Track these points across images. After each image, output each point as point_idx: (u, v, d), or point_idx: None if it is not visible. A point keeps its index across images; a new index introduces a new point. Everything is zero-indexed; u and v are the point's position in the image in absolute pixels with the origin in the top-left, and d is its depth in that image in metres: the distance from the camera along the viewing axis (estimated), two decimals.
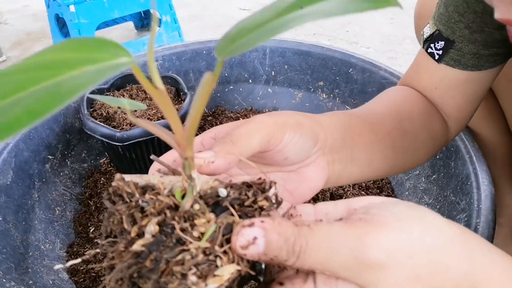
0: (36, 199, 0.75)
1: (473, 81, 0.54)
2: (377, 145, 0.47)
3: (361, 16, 1.89)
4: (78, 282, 0.69)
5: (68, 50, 0.19)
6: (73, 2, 1.35)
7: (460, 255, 0.26)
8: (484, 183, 0.63)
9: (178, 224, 0.25)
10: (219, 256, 0.24)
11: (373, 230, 0.25)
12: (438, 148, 0.57)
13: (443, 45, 0.53)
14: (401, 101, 0.54)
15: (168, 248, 0.24)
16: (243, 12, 2.00)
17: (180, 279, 0.23)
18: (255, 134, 0.34)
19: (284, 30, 0.20)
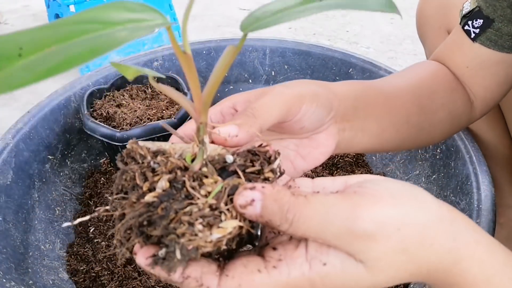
0: (36, 199, 0.75)
1: (507, 63, 0.52)
2: (390, 117, 0.47)
3: (361, 16, 1.89)
4: (78, 282, 0.69)
5: (114, 9, 0.22)
6: (73, 2, 1.35)
7: (446, 232, 0.28)
8: (484, 183, 0.63)
9: (188, 181, 0.26)
10: (223, 212, 0.26)
11: (366, 202, 0.26)
12: (457, 128, 0.57)
13: (481, 23, 0.51)
14: (425, 76, 0.53)
15: (178, 201, 0.26)
16: (243, 12, 2.00)
17: (188, 226, 0.25)
18: (275, 106, 0.35)
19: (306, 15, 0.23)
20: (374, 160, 0.89)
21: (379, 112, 0.46)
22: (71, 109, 0.85)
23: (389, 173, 0.85)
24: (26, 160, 0.75)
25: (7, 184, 0.70)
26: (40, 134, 0.79)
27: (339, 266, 0.27)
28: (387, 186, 0.28)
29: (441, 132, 0.54)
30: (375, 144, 0.47)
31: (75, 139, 0.86)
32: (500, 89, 0.56)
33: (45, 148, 0.80)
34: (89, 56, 0.18)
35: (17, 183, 0.72)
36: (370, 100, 0.45)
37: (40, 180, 0.78)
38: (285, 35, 1.77)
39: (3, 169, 0.70)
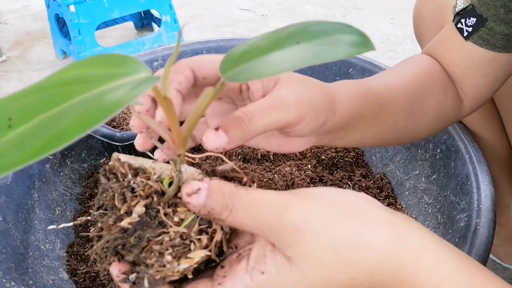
0: (36, 199, 0.75)
1: (498, 63, 0.52)
2: (376, 126, 0.47)
3: (361, 16, 1.89)
4: (78, 282, 0.69)
5: (95, 65, 0.21)
6: (73, 2, 1.35)
7: (385, 236, 0.28)
8: (484, 183, 0.63)
9: (162, 209, 0.28)
10: (193, 241, 0.28)
11: (299, 199, 0.28)
12: (444, 126, 0.57)
13: (474, 22, 0.51)
14: (421, 76, 0.53)
15: (151, 229, 0.27)
16: (243, 12, 2.00)
17: (158, 257, 0.27)
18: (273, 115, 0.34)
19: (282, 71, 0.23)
20: (374, 160, 0.89)
21: (367, 123, 0.45)
22: None
23: (389, 173, 0.85)
24: None
25: (7, 184, 0.70)
26: None
27: (275, 272, 0.27)
28: (329, 193, 0.29)
29: (426, 132, 0.55)
30: (352, 145, 0.48)
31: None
32: (490, 88, 0.56)
33: None
34: (79, 131, 0.17)
35: (17, 183, 0.72)
36: (364, 112, 0.44)
37: (40, 180, 0.78)
38: None
39: None
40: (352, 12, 1.94)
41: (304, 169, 0.83)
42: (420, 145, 0.79)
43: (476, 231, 0.57)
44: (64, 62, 1.61)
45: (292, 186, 0.79)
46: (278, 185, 0.79)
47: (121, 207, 0.28)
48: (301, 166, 0.84)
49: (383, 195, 0.81)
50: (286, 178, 0.80)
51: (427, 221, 0.72)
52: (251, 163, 0.89)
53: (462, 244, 0.58)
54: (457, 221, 0.63)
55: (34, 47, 1.73)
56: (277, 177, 0.81)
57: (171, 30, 1.60)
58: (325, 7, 2.01)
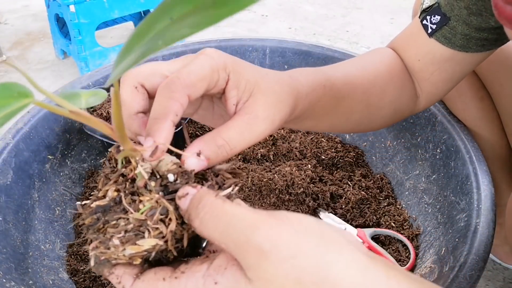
0: (36, 199, 0.75)
1: (456, 61, 0.54)
2: (332, 117, 0.48)
3: (361, 16, 1.89)
4: (78, 282, 0.69)
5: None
6: (73, 2, 1.35)
7: (357, 280, 0.25)
8: (484, 183, 0.63)
9: (126, 196, 0.29)
10: (148, 229, 0.28)
11: (272, 221, 0.26)
12: (397, 120, 0.59)
13: (438, 19, 0.53)
14: (382, 70, 0.55)
15: (113, 213, 0.29)
16: (243, 12, 1.99)
17: (104, 239, 0.28)
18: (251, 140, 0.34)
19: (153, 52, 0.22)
20: (374, 160, 0.89)
21: (323, 114, 0.47)
22: None
23: (389, 173, 0.85)
24: (26, 160, 0.75)
25: (7, 184, 0.70)
26: (40, 134, 0.79)
27: (228, 287, 0.27)
28: (308, 221, 0.27)
29: (380, 125, 0.57)
30: (303, 130, 0.50)
31: (75, 139, 0.86)
32: (446, 86, 0.58)
33: (45, 148, 0.80)
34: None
35: (17, 183, 0.72)
36: (322, 103, 0.45)
37: (40, 180, 0.78)
38: (285, 35, 1.77)
39: (3, 169, 0.70)
40: (352, 12, 1.94)
41: (304, 169, 0.83)
42: (420, 145, 0.79)
43: (476, 231, 0.57)
44: (64, 62, 1.61)
45: (292, 186, 0.79)
46: (278, 185, 0.79)
47: (101, 190, 0.30)
48: (301, 166, 0.84)
49: (383, 195, 0.81)
50: (286, 178, 0.80)
51: (427, 221, 0.72)
52: (251, 163, 0.89)
53: (462, 244, 0.58)
54: (457, 221, 0.63)
55: (34, 47, 1.73)
56: (277, 177, 0.81)
57: None
58: (325, 7, 2.01)
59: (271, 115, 0.35)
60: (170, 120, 0.31)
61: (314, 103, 0.44)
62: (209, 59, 0.34)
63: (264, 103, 0.35)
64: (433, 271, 0.61)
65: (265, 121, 0.35)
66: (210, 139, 0.33)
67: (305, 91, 0.42)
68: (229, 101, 0.35)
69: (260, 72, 0.37)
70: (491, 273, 0.83)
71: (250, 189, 0.82)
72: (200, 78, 0.33)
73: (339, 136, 0.94)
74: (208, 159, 0.32)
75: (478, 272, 0.53)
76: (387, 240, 0.73)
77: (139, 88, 0.34)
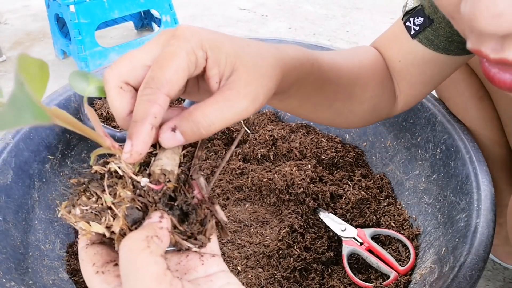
0: (36, 199, 0.75)
1: (436, 63, 0.55)
2: (315, 100, 0.48)
3: (361, 16, 1.89)
4: (78, 282, 0.69)
5: None
6: (73, 2, 1.35)
7: None
8: (484, 183, 0.63)
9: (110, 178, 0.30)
10: (106, 217, 0.29)
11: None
12: (374, 120, 0.59)
13: (421, 21, 0.53)
14: (366, 65, 0.54)
15: (97, 185, 0.30)
16: (243, 12, 1.99)
17: (75, 204, 0.30)
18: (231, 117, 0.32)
19: None
20: (374, 160, 0.89)
21: (307, 93, 0.46)
22: (71, 109, 0.85)
23: (389, 173, 0.85)
24: (26, 160, 0.75)
25: (7, 184, 0.70)
26: (40, 134, 0.79)
27: None
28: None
29: (358, 121, 0.57)
30: (286, 110, 0.49)
31: (75, 139, 0.86)
32: (424, 89, 0.58)
33: (45, 148, 0.80)
34: None
35: (17, 183, 0.72)
36: (308, 81, 0.44)
37: (40, 180, 0.78)
38: (285, 35, 1.77)
39: (3, 169, 0.70)
40: (352, 12, 1.94)
41: (304, 169, 0.83)
42: (420, 145, 0.79)
43: (476, 231, 0.57)
44: (64, 62, 1.61)
45: (292, 186, 0.79)
46: (278, 185, 0.79)
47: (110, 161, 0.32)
48: (301, 166, 0.84)
49: (383, 195, 0.81)
50: (286, 178, 0.80)
51: (427, 221, 0.72)
52: (251, 163, 0.89)
53: (462, 244, 0.58)
54: (457, 221, 0.63)
55: (34, 47, 1.73)
56: (277, 177, 0.81)
57: None
58: (325, 7, 2.01)
59: (253, 91, 0.33)
60: (149, 123, 0.30)
61: (301, 79, 0.42)
62: (182, 42, 0.32)
63: (246, 78, 0.33)
64: (433, 271, 0.61)
65: (247, 97, 0.33)
66: (187, 115, 0.31)
67: (292, 64, 0.40)
68: (211, 79, 0.33)
69: (240, 44, 0.35)
70: (491, 273, 0.83)
71: (250, 189, 0.82)
72: (176, 70, 0.31)
73: (339, 136, 0.94)
74: (183, 135, 0.31)
75: (478, 272, 0.53)
76: (387, 240, 0.73)
77: (124, 87, 0.32)
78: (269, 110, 1.02)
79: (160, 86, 0.30)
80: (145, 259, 0.26)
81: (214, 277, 0.30)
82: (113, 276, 0.29)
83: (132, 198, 0.29)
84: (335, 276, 0.69)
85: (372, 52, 0.58)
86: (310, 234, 0.73)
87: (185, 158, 0.33)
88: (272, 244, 0.72)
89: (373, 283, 0.67)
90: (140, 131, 0.30)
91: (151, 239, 0.27)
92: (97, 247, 0.31)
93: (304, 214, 0.76)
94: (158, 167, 0.30)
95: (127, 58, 0.33)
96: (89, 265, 0.30)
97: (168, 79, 0.31)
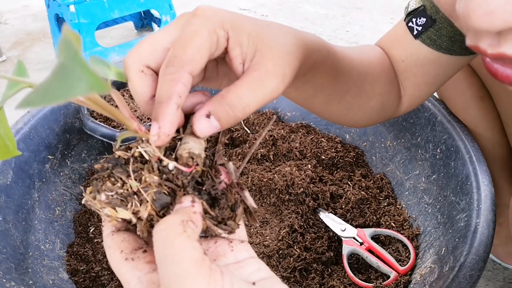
0: (36, 199, 0.75)
1: (440, 63, 0.55)
2: (329, 89, 0.47)
3: (361, 16, 1.89)
4: (78, 282, 0.69)
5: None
6: (73, 2, 1.35)
7: None
8: (484, 183, 0.63)
9: (135, 162, 0.30)
10: (132, 202, 0.29)
11: (201, 282, 0.24)
12: (381, 119, 0.59)
13: (424, 22, 0.53)
14: (376, 62, 0.55)
15: (121, 170, 0.29)
16: (243, 12, 1.99)
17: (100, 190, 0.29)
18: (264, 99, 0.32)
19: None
20: (374, 160, 0.89)
21: (322, 82, 0.46)
22: (71, 109, 0.85)
23: (389, 173, 0.85)
24: (26, 160, 0.75)
25: (7, 184, 0.70)
26: (40, 134, 0.79)
27: None
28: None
29: (366, 119, 0.56)
30: (300, 101, 0.48)
31: (75, 139, 0.86)
32: (428, 89, 0.58)
33: (45, 148, 0.80)
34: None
35: (17, 183, 0.72)
36: (324, 69, 0.44)
37: (40, 180, 0.78)
38: None
39: (3, 169, 0.70)
40: (352, 12, 1.94)
41: (304, 169, 0.83)
42: (420, 145, 0.79)
43: (476, 231, 0.57)
44: None
45: (292, 186, 0.79)
46: (278, 185, 0.79)
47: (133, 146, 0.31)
48: (301, 166, 0.84)
49: (383, 195, 0.81)
50: (286, 178, 0.80)
51: (427, 221, 0.72)
52: (251, 163, 0.89)
53: (462, 244, 0.58)
54: (457, 221, 0.63)
55: (34, 47, 1.73)
56: (277, 177, 0.81)
57: None
58: (325, 7, 2.01)
59: (281, 69, 0.33)
60: (174, 103, 0.29)
61: (318, 64, 0.42)
62: (203, 21, 0.31)
63: (272, 57, 0.32)
64: (433, 271, 0.61)
65: (276, 75, 0.32)
66: (220, 99, 0.30)
67: (311, 46, 0.39)
68: (234, 60, 0.32)
69: (261, 24, 0.34)
70: (491, 273, 0.83)
71: (250, 189, 0.82)
72: (198, 48, 0.30)
73: (339, 136, 0.94)
74: (219, 121, 0.30)
75: (478, 272, 0.53)
76: (387, 240, 0.73)
77: (146, 71, 0.32)
78: (269, 110, 1.02)
79: (183, 64, 0.30)
80: (182, 243, 0.25)
81: (244, 263, 0.30)
82: (143, 263, 0.28)
83: (159, 183, 0.28)
84: (335, 276, 0.69)
85: (379, 50, 0.58)
86: (310, 234, 0.73)
87: (208, 143, 0.33)
88: (272, 244, 0.72)
89: (373, 283, 0.67)
90: (166, 112, 0.29)
91: (186, 224, 0.26)
92: (123, 234, 0.30)
93: (304, 214, 0.76)
94: (185, 151, 0.29)
95: (147, 41, 0.32)
96: (116, 252, 0.29)
97: (191, 57, 0.30)
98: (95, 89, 0.18)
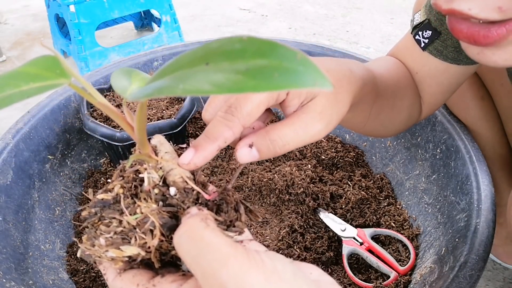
0: (36, 199, 0.75)
1: (450, 73, 0.56)
2: (366, 113, 0.49)
3: (361, 16, 1.89)
4: (78, 282, 0.69)
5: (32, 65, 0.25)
6: (73, 2, 1.35)
7: None
8: (484, 183, 0.63)
9: (126, 198, 0.29)
10: (135, 237, 0.28)
11: (242, 261, 0.24)
12: (406, 128, 0.61)
13: (430, 34, 0.55)
14: (402, 75, 0.57)
15: (110, 210, 0.29)
16: (243, 12, 1.99)
17: (96, 236, 0.29)
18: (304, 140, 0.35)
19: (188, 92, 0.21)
20: (374, 160, 0.89)
21: (362, 108, 0.48)
22: (71, 109, 0.85)
23: (389, 173, 0.85)
24: (26, 160, 0.75)
25: (7, 184, 0.70)
26: (40, 134, 0.79)
27: None
28: (280, 269, 0.25)
29: (395, 130, 0.58)
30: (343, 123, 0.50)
31: (75, 139, 0.86)
32: (443, 97, 0.60)
33: (45, 148, 0.80)
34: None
35: (17, 183, 0.72)
36: (368, 98, 0.46)
37: (40, 180, 0.78)
38: (285, 35, 1.77)
39: (3, 169, 0.70)
40: (352, 12, 1.94)
41: (304, 169, 0.83)
42: (420, 145, 0.79)
43: (476, 231, 0.57)
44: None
45: (292, 186, 0.79)
46: (278, 185, 0.79)
47: (110, 183, 0.30)
48: (301, 166, 0.84)
49: (383, 195, 0.81)
50: (286, 178, 0.80)
51: (427, 221, 0.72)
52: (251, 163, 0.89)
53: (462, 244, 0.58)
54: (457, 221, 0.63)
55: (34, 47, 1.73)
56: (277, 177, 0.81)
57: (171, 30, 1.60)
58: (325, 7, 2.01)
59: (328, 116, 0.36)
60: (217, 145, 0.32)
61: (363, 98, 0.44)
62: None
63: (324, 104, 0.35)
64: (433, 271, 0.61)
65: (322, 122, 0.35)
66: (264, 133, 0.33)
67: (360, 86, 0.42)
68: (288, 109, 0.35)
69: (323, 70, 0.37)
70: (491, 273, 0.83)
71: (250, 189, 0.82)
72: (258, 105, 0.33)
73: (339, 136, 0.94)
74: (259, 152, 0.33)
75: (478, 272, 0.53)
76: (387, 240, 0.73)
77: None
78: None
79: (240, 117, 0.33)
80: (212, 233, 0.25)
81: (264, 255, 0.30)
82: (168, 283, 0.28)
83: (158, 210, 0.28)
84: (335, 276, 0.69)
85: (401, 64, 0.59)
86: (310, 234, 0.73)
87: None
88: (272, 244, 0.71)
89: (373, 283, 0.67)
90: (207, 148, 0.31)
91: (206, 220, 0.27)
92: (131, 271, 0.30)
93: (304, 214, 0.76)
94: (177, 176, 0.30)
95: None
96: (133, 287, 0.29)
97: (249, 111, 0.33)
98: (319, 85, 0.19)
